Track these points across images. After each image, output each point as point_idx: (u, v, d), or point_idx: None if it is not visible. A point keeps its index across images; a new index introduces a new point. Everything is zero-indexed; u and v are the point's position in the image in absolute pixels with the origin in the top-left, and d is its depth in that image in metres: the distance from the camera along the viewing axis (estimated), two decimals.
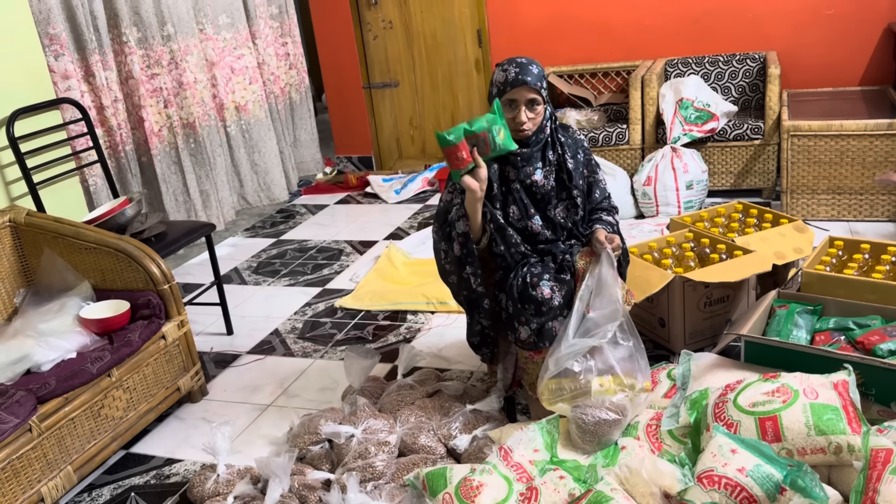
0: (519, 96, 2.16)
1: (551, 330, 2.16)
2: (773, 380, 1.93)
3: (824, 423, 1.76)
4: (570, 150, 2.30)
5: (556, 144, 2.28)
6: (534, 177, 2.25)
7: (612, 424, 2.02)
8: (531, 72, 2.17)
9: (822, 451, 1.75)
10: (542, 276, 2.17)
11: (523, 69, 2.16)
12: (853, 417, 1.78)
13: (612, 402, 2.04)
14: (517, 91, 2.16)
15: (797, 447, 1.77)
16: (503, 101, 2.19)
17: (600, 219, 2.32)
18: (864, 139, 3.59)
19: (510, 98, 2.18)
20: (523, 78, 2.15)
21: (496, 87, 2.20)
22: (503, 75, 2.18)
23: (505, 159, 2.25)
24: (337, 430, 2.23)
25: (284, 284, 3.77)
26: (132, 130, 3.90)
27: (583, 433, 2.03)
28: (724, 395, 1.95)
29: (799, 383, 1.88)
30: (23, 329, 2.43)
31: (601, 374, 2.07)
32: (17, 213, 2.72)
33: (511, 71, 2.17)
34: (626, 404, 2.05)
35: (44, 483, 2.14)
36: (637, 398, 2.08)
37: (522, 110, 2.18)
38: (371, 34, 5.45)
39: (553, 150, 2.28)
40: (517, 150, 2.22)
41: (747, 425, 1.82)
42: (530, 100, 2.17)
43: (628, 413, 2.06)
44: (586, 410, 2.03)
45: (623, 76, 4.76)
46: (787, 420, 1.79)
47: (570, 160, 2.28)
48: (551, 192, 2.26)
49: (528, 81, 2.15)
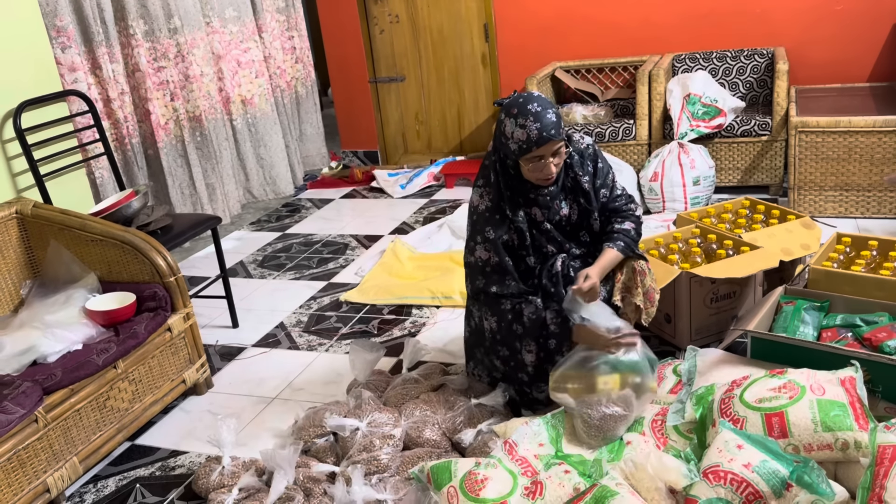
0: (545, 152, 2.06)
1: (554, 353, 2.17)
2: (779, 376, 1.92)
3: (831, 419, 1.75)
4: (579, 168, 2.23)
5: (567, 171, 2.23)
6: (562, 212, 2.22)
7: (617, 419, 2.02)
8: (552, 122, 2.03)
9: (829, 448, 1.75)
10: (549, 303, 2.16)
11: (543, 123, 2.02)
12: (860, 414, 1.78)
13: (617, 396, 2.03)
14: (543, 148, 2.05)
15: (804, 443, 1.76)
16: (529, 157, 2.07)
17: (612, 232, 2.24)
18: (873, 136, 3.57)
19: (537, 156, 2.07)
20: (548, 135, 2.02)
21: (516, 145, 2.06)
22: (523, 133, 2.03)
23: (531, 202, 2.20)
24: (342, 423, 2.23)
25: (290, 278, 3.78)
26: (138, 123, 3.90)
27: (588, 428, 2.03)
28: (730, 390, 1.94)
29: (806, 379, 1.87)
30: (29, 320, 2.43)
31: (604, 373, 2.07)
32: (23, 205, 2.72)
33: (531, 128, 2.02)
34: (632, 399, 2.04)
35: (49, 474, 2.15)
36: (643, 396, 2.08)
37: (549, 163, 2.08)
38: (377, 28, 5.44)
39: (566, 174, 2.23)
40: (544, 192, 2.18)
41: (753, 421, 1.82)
42: (556, 150, 2.08)
43: (633, 408, 2.05)
44: (592, 406, 2.03)
45: (630, 71, 4.75)
46: (793, 416, 1.78)
47: (584, 180, 2.23)
48: (578, 219, 2.25)
49: (553, 136, 2.03)
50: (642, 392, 2.06)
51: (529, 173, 2.12)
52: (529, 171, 2.11)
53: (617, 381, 2.06)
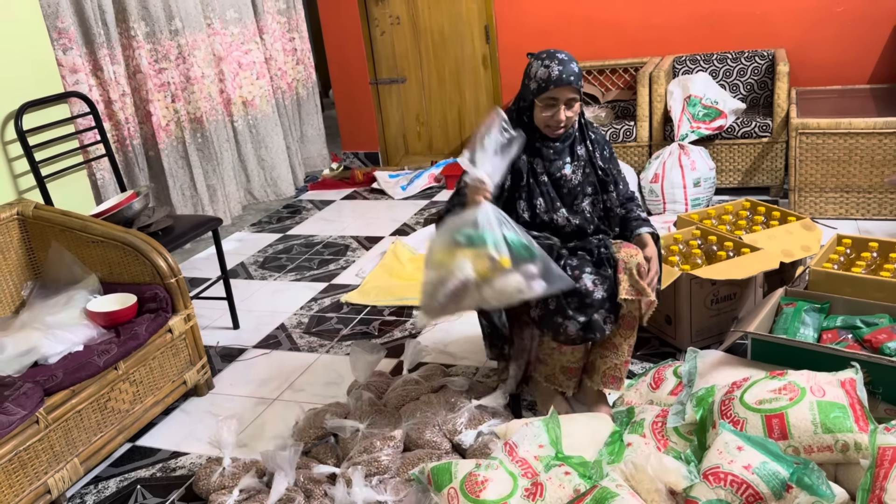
0: (560, 95, 2.13)
1: (598, 322, 2.12)
2: (779, 377, 1.92)
3: (831, 420, 1.75)
4: (599, 147, 2.29)
5: (585, 140, 2.27)
6: (563, 171, 2.24)
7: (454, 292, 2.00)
8: (573, 71, 2.13)
9: (829, 449, 1.75)
10: (583, 269, 2.12)
11: (566, 67, 2.12)
12: (860, 416, 1.78)
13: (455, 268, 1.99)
14: (560, 90, 2.12)
15: (804, 445, 1.76)
16: (543, 97, 2.14)
17: (638, 218, 2.30)
18: (873, 137, 3.57)
19: (551, 96, 2.14)
20: (568, 78, 2.11)
21: (536, 83, 2.15)
22: (545, 72, 2.13)
23: (536, 152, 2.23)
24: (342, 424, 2.23)
25: (291, 279, 3.78)
26: (140, 124, 3.90)
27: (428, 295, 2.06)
28: (730, 392, 1.94)
29: (806, 381, 1.87)
30: (30, 321, 2.43)
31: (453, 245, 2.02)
32: (25, 207, 2.73)
33: (554, 69, 2.12)
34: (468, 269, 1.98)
35: (50, 475, 2.15)
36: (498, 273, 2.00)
37: (562, 109, 2.15)
38: (378, 30, 5.45)
39: (583, 145, 2.27)
40: (549, 145, 2.21)
41: (754, 423, 1.82)
42: (570, 99, 2.15)
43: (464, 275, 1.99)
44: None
45: (631, 73, 4.75)
46: (793, 418, 1.78)
47: (599, 157, 2.28)
48: (578, 186, 2.25)
49: (572, 82, 2.12)
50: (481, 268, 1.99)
51: (541, 117, 2.17)
52: (541, 115, 2.16)
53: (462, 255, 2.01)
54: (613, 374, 2.27)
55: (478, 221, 1.97)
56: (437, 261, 2.04)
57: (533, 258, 2.00)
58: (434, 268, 2.05)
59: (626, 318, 2.20)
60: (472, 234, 1.98)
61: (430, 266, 2.07)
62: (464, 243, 1.99)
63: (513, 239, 1.98)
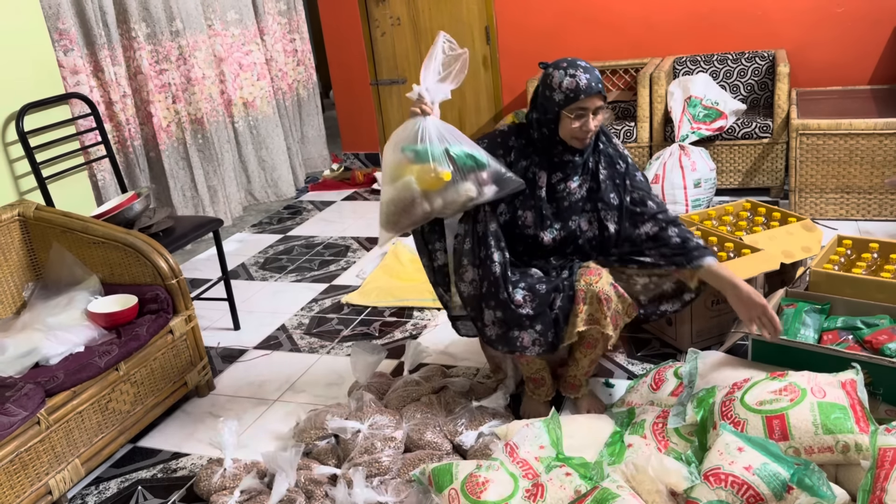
0: (591, 105, 2.05)
1: (517, 338, 2.10)
2: (780, 378, 1.92)
3: (832, 421, 1.75)
4: (606, 160, 2.20)
5: (594, 152, 2.19)
6: (570, 183, 2.17)
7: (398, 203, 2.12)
8: (598, 77, 2.06)
9: (830, 450, 1.75)
10: (525, 282, 2.12)
11: (592, 75, 2.05)
12: (861, 416, 1.78)
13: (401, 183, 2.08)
14: (590, 100, 2.04)
15: (805, 446, 1.76)
16: (572, 108, 2.05)
17: (699, 247, 2.10)
18: (874, 138, 3.57)
19: (582, 107, 2.05)
20: (597, 86, 2.04)
21: (563, 94, 2.05)
22: (572, 81, 2.04)
23: (554, 166, 2.15)
24: (343, 425, 2.23)
25: (291, 280, 3.78)
26: (140, 126, 3.91)
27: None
28: (731, 393, 1.94)
29: (806, 382, 1.88)
30: (31, 322, 2.44)
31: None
32: (26, 208, 2.73)
33: (581, 77, 2.03)
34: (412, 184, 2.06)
35: (51, 476, 2.15)
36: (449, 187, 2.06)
37: (590, 118, 2.07)
38: (379, 31, 5.45)
39: (592, 157, 2.19)
40: (569, 159, 2.13)
41: (755, 424, 1.82)
42: (598, 107, 2.07)
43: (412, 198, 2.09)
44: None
45: (631, 74, 4.75)
46: (794, 419, 1.78)
47: (602, 170, 2.19)
48: (579, 201, 2.19)
49: (601, 90, 2.05)
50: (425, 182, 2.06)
51: (570, 129, 2.08)
52: (570, 127, 2.07)
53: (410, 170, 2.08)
54: (572, 383, 2.35)
55: (419, 137, 2.05)
56: (389, 176, 2.12)
57: (482, 166, 2.07)
58: (388, 184, 2.13)
59: (587, 339, 2.22)
60: (418, 149, 2.06)
61: (383, 183, 2.16)
62: (411, 157, 2.07)
63: (456, 151, 2.06)
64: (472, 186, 2.07)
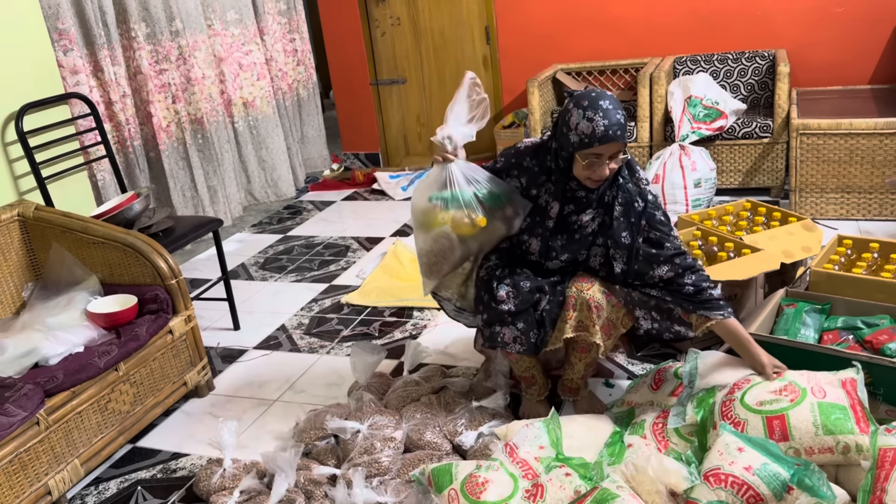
0: (605, 151, 1.94)
1: (500, 334, 2.11)
2: (780, 378, 1.92)
3: (832, 422, 1.75)
4: (623, 197, 2.06)
5: (612, 186, 2.06)
6: (582, 216, 2.09)
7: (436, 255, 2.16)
8: (620, 122, 1.91)
9: (830, 451, 1.75)
10: (511, 278, 2.13)
11: (611, 121, 1.90)
12: (861, 417, 1.77)
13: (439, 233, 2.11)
14: (605, 147, 1.93)
15: (805, 446, 1.76)
16: (585, 153, 1.95)
17: (714, 302, 2.02)
18: (874, 138, 3.57)
19: (595, 153, 1.94)
20: (614, 134, 1.90)
21: (577, 137, 1.94)
22: (589, 126, 1.91)
23: (561, 195, 2.09)
24: (343, 425, 2.23)
25: (291, 280, 3.78)
26: (140, 126, 3.90)
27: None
28: (731, 393, 1.94)
29: (806, 381, 1.87)
30: (31, 323, 2.44)
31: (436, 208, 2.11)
32: (25, 208, 2.73)
33: (599, 124, 1.90)
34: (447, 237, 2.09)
35: (51, 476, 2.15)
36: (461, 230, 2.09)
37: (605, 165, 1.96)
38: (379, 31, 5.45)
39: (609, 192, 2.07)
40: (583, 195, 2.05)
41: (755, 424, 1.82)
42: (615, 153, 1.96)
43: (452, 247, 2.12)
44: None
45: (631, 73, 4.75)
46: (794, 419, 1.78)
47: (618, 206, 2.06)
48: (590, 235, 2.11)
49: (619, 137, 1.91)
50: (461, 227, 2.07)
51: (582, 171, 1.99)
52: (583, 169, 1.98)
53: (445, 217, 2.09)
54: (569, 386, 2.36)
55: (447, 183, 2.05)
56: (421, 224, 2.14)
57: (507, 202, 2.08)
58: (421, 232, 2.15)
59: (580, 344, 2.22)
60: (446, 196, 2.06)
61: (416, 230, 2.17)
62: (440, 206, 2.07)
63: (483, 194, 2.07)
64: (502, 225, 2.11)
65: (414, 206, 2.17)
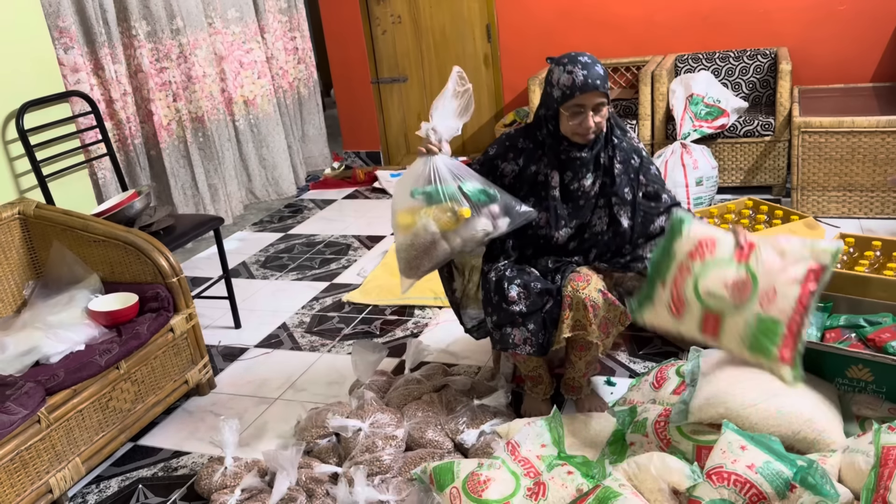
0: (587, 101, 2.03)
1: (510, 335, 2.12)
2: (741, 264, 1.90)
3: (758, 343, 1.82)
4: (621, 155, 2.17)
5: (608, 146, 2.16)
6: (583, 182, 2.14)
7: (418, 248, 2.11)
8: (599, 73, 2.02)
9: (747, 364, 1.86)
10: (521, 278, 2.13)
11: (590, 71, 2.01)
12: (791, 341, 1.81)
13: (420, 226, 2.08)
14: (586, 97, 2.02)
15: (729, 348, 1.89)
16: (568, 105, 2.04)
17: None
18: (876, 136, 3.56)
19: (577, 103, 2.03)
20: (593, 83, 2.00)
21: (560, 90, 2.04)
22: (569, 78, 2.02)
23: (562, 164, 2.14)
24: (344, 423, 2.23)
25: (292, 279, 3.78)
26: (141, 124, 3.90)
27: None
28: (688, 266, 1.95)
29: (763, 279, 1.86)
30: (32, 321, 2.43)
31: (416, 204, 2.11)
32: (26, 206, 2.73)
33: (578, 74, 2.00)
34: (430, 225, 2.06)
35: (52, 474, 2.15)
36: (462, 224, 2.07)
37: (589, 116, 2.04)
38: (380, 29, 5.44)
39: (606, 153, 2.16)
40: (577, 155, 2.11)
41: (693, 311, 1.90)
42: (598, 104, 2.04)
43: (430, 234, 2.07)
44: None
45: (633, 72, 4.74)
46: (729, 324, 1.85)
47: (617, 164, 2.16)
48: (593, 198, 2.17)
49: (598, 86, 2.01)
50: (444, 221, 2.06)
51: (568, 125, 2.07)
52: (568, 124, 2.06)
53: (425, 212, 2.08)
54: (571, 385, 2.36)
55: (430, 177, 2.04)
56: (403, 223, 2.12)
57: (493, 199, 2.07)
58: (402, 230, 2.12)
59: (579, 343, 2.22)
60: (429, 191, 2.05)
61: (397, 229, 2.15)
62: (422, 201, 2.06)
63: (469, 188, 2.06)
64: (488, 221, 2.08)
65: (394, 203, 2.15)
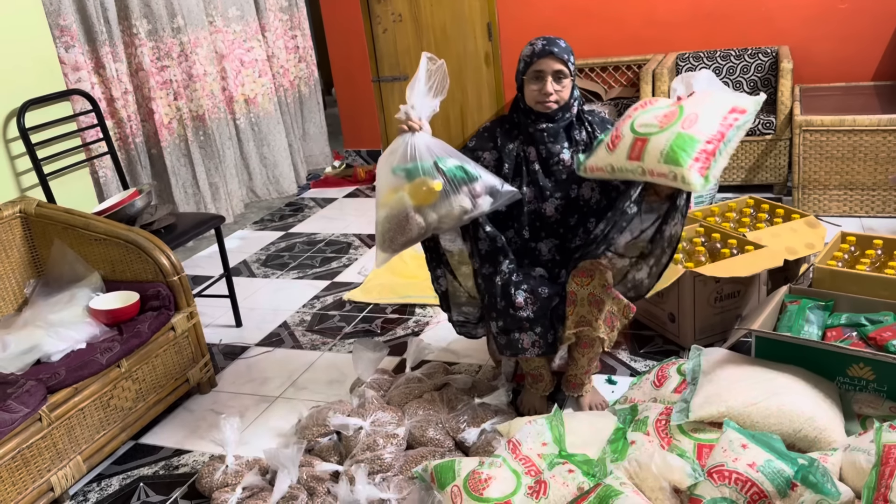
0: (545, 67, 2.14)
1: (518, 340, 2.13)
2: (677, 104, 1.95)
3: (674, 153, 1.82)
4: (595, 125, 2.27)
5: (584, 122, 2.26)
6: (561, 156, 2.22)
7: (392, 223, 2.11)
8: (558, 44, 2.15)
9: (664, 177, 1.85)
10: (528, 283, 2.14)
11: (550, 41, 2.16)
12: (704, 159, 1.82)
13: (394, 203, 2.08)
14: (544, 62, 2.14)
15: (648, 168, 1.87)
16: (529, 73, 2.16)
17: None
18: (877, 134, 3.56)
19: (537, 70, 2.15)
20: (550, 48, 2.13)
21: (523, 62, 2.19)
22: (530, 48, 2.17)
23: (530, 138, 2.22)
24: (345, 422, 2.23)
25: (293, 277, 3.78)
26: (142, 122, 3.90)
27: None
28: (630, 115, 2.00)
29: (690, 107, 1.90)
30: (33, 319, 2.43)
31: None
32: (27, 204, 2.73)
33: (538, 44, 2.16)
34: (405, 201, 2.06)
35: (53, 472, 2.15)
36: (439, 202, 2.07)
37: (549, 81, 2.14)
38: (381, 27, 5.44)
39: (582, 129, 2.25)
40: (543, 126, 2.19)
41: (626, 141, 1.91)
42: (557, 71, 2.14)
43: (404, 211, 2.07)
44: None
45: (634, 70, 4.74)
46: (652, 144, 1.87)
47: (597, 133, 2.25)
48: (574, 171, 2.21)
49: (555, 52, 2.13)
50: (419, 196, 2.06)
51: (530, 92, 2.17)
52: (530, 90, 2.17)
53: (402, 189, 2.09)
54: (573, 382, 2.37)
55: (408, 154, 2.07)
56: (382, 197, 2.13)
57: (473, 179, 2.08)
58: (381, 206, 2.14)
59: (583, 339, 2.22)
60: (409, 168, 2.07)
61: (377, 205, 2.16)
62: (402, 177, 2.08)
63: (446, 164, 2.08)
64: (466, 199, 2.07)
65: (378, 182, 2.17)
